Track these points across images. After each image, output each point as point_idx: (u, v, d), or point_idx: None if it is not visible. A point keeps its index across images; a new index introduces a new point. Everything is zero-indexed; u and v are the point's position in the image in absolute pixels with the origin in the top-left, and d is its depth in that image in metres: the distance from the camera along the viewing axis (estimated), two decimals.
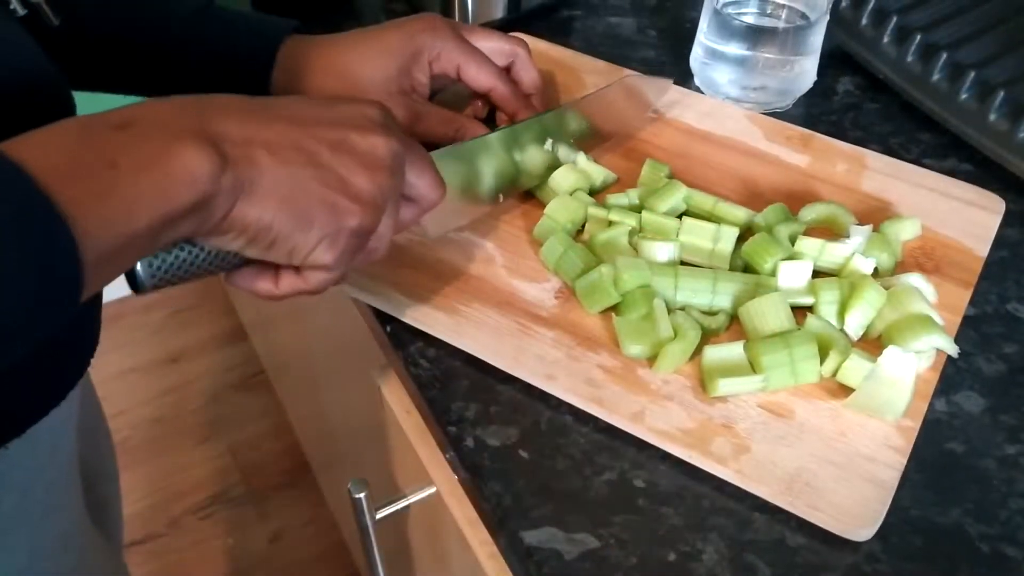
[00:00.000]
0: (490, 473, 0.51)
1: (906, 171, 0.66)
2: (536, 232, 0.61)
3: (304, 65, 0.61)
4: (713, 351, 0.54)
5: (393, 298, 0.58)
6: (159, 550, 1.49)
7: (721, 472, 0.50)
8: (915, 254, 0.61)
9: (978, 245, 0.62)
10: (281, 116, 0.43)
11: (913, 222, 0.62)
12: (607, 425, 0.53)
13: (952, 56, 0.68)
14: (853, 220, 0.61)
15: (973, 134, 0.67)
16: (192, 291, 1.87)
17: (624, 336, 0.55)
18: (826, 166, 0.66)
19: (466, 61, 0.62)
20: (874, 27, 0.73)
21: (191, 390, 1.71)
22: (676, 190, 0.61)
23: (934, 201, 0.64)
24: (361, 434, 0.93)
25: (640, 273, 0.56)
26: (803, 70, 0.71)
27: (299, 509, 1.53)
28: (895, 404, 0.51)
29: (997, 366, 0.57)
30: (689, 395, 0.53)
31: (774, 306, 0.54)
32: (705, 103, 0.71)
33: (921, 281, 0.57)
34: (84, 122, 0.38)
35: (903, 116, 0.73)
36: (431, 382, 0.55)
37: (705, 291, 0.56)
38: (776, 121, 0.70)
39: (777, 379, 0.53)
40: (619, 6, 0.83)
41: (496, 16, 0.78)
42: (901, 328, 0.54)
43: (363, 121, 0.45)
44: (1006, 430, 0.54)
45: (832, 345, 0.54)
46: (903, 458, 0.51)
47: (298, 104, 0.45)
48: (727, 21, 0.70)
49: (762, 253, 0.57)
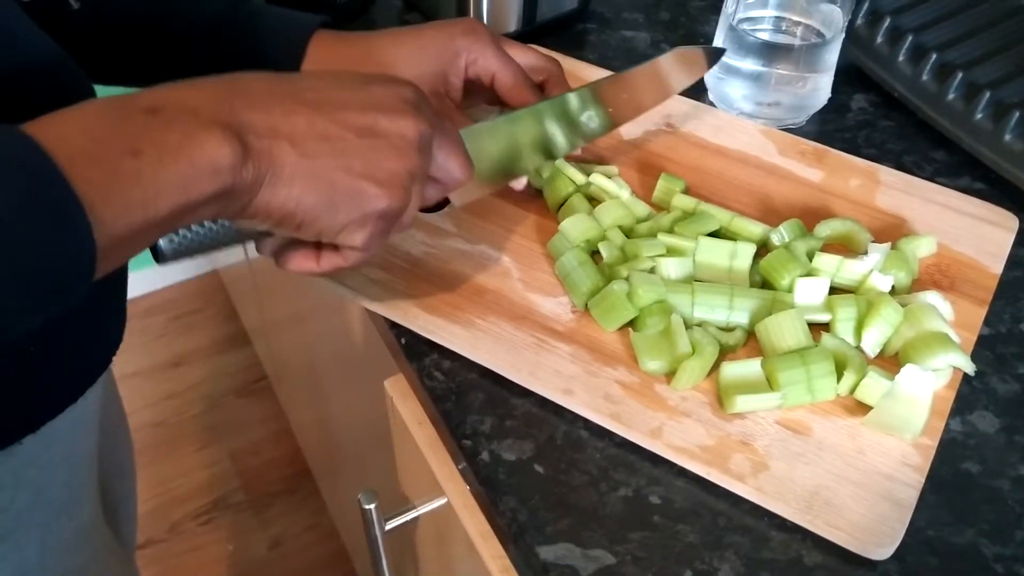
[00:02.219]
0: (505, 487, 0.51)
1: (919, 187, 0.66)
2: (549, 247, 0.61)
3: (336, 60, 0.61)
4: (730, 368, 0.54)
5: (410, 311, 0.58)
6: (159, 555, 1.49)
7: (740, 489, 0.50)
8: (931, 271, 0.61)
9: (992, 262, 0.62)
10: (309, 101, 0.43)
11: (929, 239, 0.62)
12: (623, 440, 0.53)
13: (967, 75, 0.68)
14: (869, 237, 0.61)
15: (987, 153, 0.67)
16: (195, 296, 1.86)
17: (642, 352, 0.55)
18: (840, 181, 0.66)
19: (502, 70, 0.61)
20: (890, 45, 0.73)
21: (193, 395, 1.71)
22: (708, 220, 0.61)
23: (948, 218, 0.64)
24: (365, 442, 0.93)
25: (655, 288, 0.56)
26: (817, 87, 0.71)
27: (299, 516, 1.53)
28: (913, 422, 0.51)
29: (1012, 386, 0.57)
30: (707, 411, 0.53)
31: (791, 322, 0.54)
32: (719, 117, 0.71)
33: (938, 299, 0.57)
34: (114, 103, 0.38)
35: (917, 134, 0.73)
36: (446, 394, 0.55)
37: (722, 307, 0.56)
38: (789, 136, 0.70)
39: (794, 396, 0.53)
40: (633, 20, 0.83)
41: (510, 28, 0.78)
42: (918, 346, 0.54)
43: (394, 103, 0.45)
44: (1021, 450, 0.54)
45: (849, 362, 0.54)
46: (921, 477, 0.51)
47: (329, 85, 0.45)
48: (742, 37, 0.70)
49: (780, 269, 0.57)
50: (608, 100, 0.63)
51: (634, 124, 0.70)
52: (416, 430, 0.62)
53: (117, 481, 0.71)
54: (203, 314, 1.84)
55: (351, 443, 1.07)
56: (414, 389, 0.60)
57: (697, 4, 0.85)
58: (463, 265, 0.61)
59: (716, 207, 0.63)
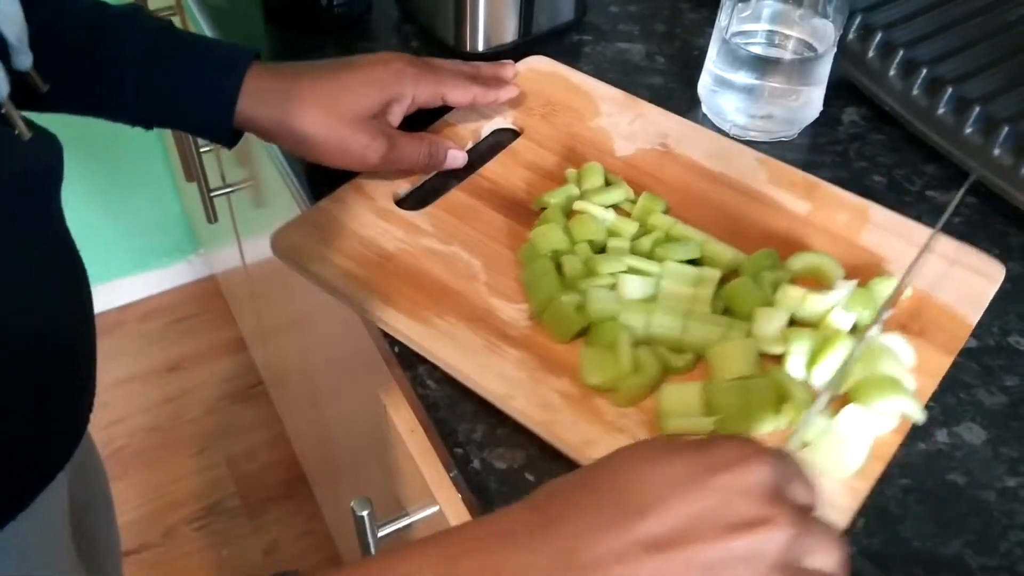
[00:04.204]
0: (497, 496, 0.52)
1: (908, 228, 0.65)
2: (520, 254, 0.62)
3: (277, 94, 0.62)
4: (671, 389, 0.54)
5: (371, 301, 0.59)
6: (153, 560, 1.49)
7: None
8: (903, 314, 0.59)
9: (970, 311, 0.60)
10: (646, 545, 0.34)
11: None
12: None
13: (958, 90, 0.69)
14: (841, 273, 0.60)
15: (977, 168, 0.67)
16: (192, 301, 1.87)
17: (586, 365, 0.55)
18: (827, 215, 0.65)
19: (449, 89, 0.67)
20: (881, 60, 0.73)
21: (189, 400, 1.71)
22: (691, 247, 0.61)
23: (932, 262, 0.62)
24: (361, 449, 0.93)
25: (606, 304, 0.57)
26: (810, 100, 0.72)
27: (294, 521, 1.53)
28: (847, 463, 0.51)
29: (998, 398, 0.58)
30: (643, 431, 0.53)
31: (741, 351, 0.54)
32: (717, 142, 0.71)
33: (900, 342, 0.56)
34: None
35: (908, 147, 0.73)
36: (438, 403, 0.56)
37: (676, 329, 0.56)
38: (784, 165, 0.69)
39: (731, 424, 0.52)
40: (628, 32, 0.84)
41: (507, 40, 0.79)
42: (867, 387, 0.53)
43: (754, 502, 0.35)
44: (1007, 462, 0.54)
45: (792, 396, 0.53)
46: (845, 518, 0.50)
47: (666, 508, 0.34)
48: (735, 50, 0.70)
49: (743, 296, 0.57)
50: None
51: (628, 141, 0.71)
52: (408, 438, 0.63)
53: (91, 514, 0.70)
54: (200, 319, 1.84)
55: (346, 449, 1.07)
56: (407, 397, 0.60)
57: (692, 17, 0.86)
58: (433, 264, 0.62)
59: (693, 229, 0.63)
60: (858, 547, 0.50)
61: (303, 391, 1.29)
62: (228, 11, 0.84)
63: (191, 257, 1.89)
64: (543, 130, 0.72)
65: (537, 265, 0.60)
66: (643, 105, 0.74)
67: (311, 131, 0.62)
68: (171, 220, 1.81)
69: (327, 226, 0.64)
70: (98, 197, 1.68)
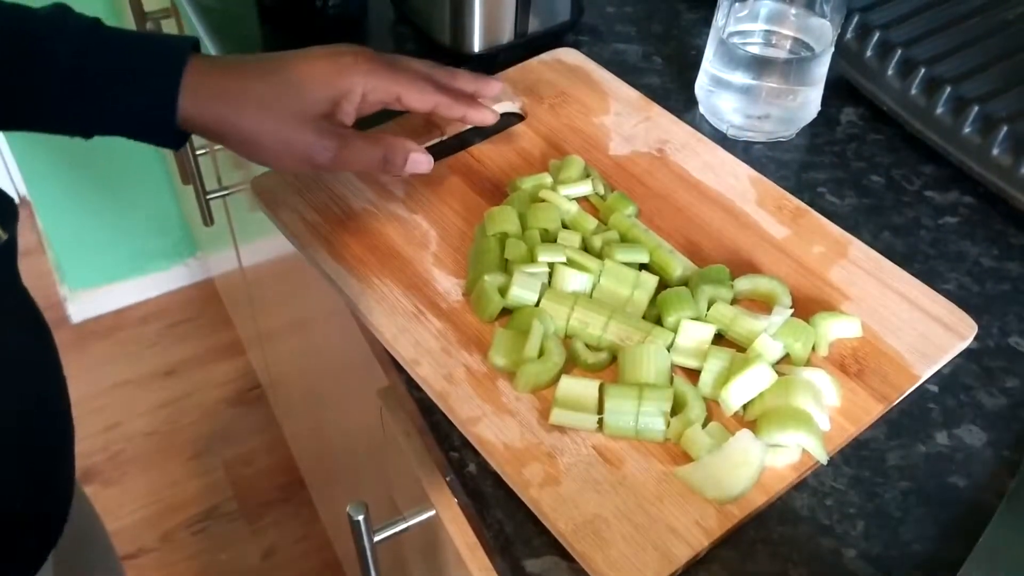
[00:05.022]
0: (492, 500, 0.51)
1: (886, 271, 0.62)
2: (475, 231, 0.63)
3: (218, 91, 0.58)
4: (569, 382, 0.54)
5: (320, 253, 0.62)
6: (150, 565, 1.48)
7: (522, 495, 0.50)
8: (844, 354, 0.57)
9: (920, 364, 0.57)
10: None
11: (853, 322, 0.58)
12: None
13: (956, 90, 0.68)
14: (788, 300, 0.59)
15: (976, 168, 0.67)
16: (189, 304, 1.87)
17: (495, 345, 0.56)
18: (803, 244, 0.64)
19: (405, 90, 0.61)
20: (879, 59, 0.73)
21: (186, 404, 1.71)
22: (640, 252, 0.60)
23: (898, 307, 0.60)
24: (358, 453, 0.93)
25: (526, 290, 0.57)
26: (807, 100, 0.72)
27: (292, 525, 1.53)
28: (727, 488, 0.50)
29: (999, 400, 0.57)
30: (533, 417, 0.53)
31: (652, 357, 0.54)
32: (715, 154, 0.70)
33: (824, 379, 0.54)
34: None
35: (906, 147, 0.73)
36: (434, 406, 0.55)
37: (596, 325, 0.56)
38: (776, 188, 0.67)
39: (617, 425, 0.52)
40: (625, 32, 0.83)
41: (503, 41, 0.78)
42: (772, 417, 0.52)
43: None
44: (1008, 465, 0.54)
45: (688, 410, 0.52)
46: (706, 541, 0.48)
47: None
48: (732, 51, 0.70)
49: (673, 305, 0.57)
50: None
51: (626, 142, 0.70)
52: (404, 441, 0.62)
53: (85, 548, 0.69)
54: (198, 323, 1.84)
55: (344, 453, 1.07)
56: (402, 401, 0.60)
57: (689, 17, 0.86)
58: (391, 228, 0.64)
59: (657, 237, 0.62)
60: (858, 550, 0.50)
61: (300, 395, 1.29)
62: (222, 12, 0.84)
63: (189, 260, 1.88)
64: (546, 120, 0.72)
65: (482, 243, 0.61)
66: (655, 108, 0.73)
67: (253, 130, 0.58)
68: (168, 223, 1.80)
69: (305, 177, 0.67)
70: (95, 200, 1.68)
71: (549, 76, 0.76)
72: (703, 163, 0.69)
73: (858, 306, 0.60)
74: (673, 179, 0.68)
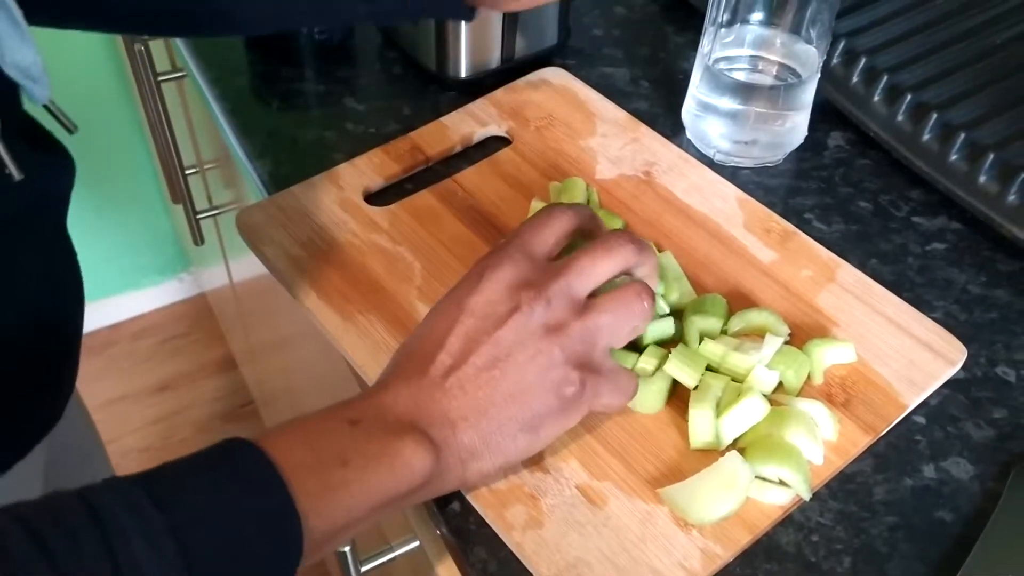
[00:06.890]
0: (476, 537, 0.51)
1: (874, 294, 0.61)
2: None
3: None
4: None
5: (303, 287, 0.61)
6: None
7: (506, 539, 0.50)
8: (832, 383, 0.57)
9: (908, 391, 0.56)
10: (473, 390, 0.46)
11: (847, 347, 0.57)
12: None
13: (943, 116, 0.68)
14: (786, 330, 0.58)
15: (963, 195, 0.67)
16: (182, 320, 1.86)
17: None
18: (791, 268, 0.63)
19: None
20: (865, 85, 0.73)
21: (180, 419, 1.70)
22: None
23: (886, 333, 0.59)
24: None
25: None
26: (794, 125, 0.71)
27: None
28: (707, 511, 0.49)
29: (986, 432, 0.57)
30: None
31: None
32: (703, 175, 0.69)
33: (819, 410, 0.53)
34: (324, 417, 0.44)
35: (894, 173, 0.73)
36: None
37: None
38: (764, 210, 0.67)
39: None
40: (613, 56, 0.83)
41: (490, 66, 0.78)
42: (760, 447, 0.51)
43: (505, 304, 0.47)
44: (996, 498, 0.54)
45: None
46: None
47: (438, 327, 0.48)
48: (718, 76, 0.70)
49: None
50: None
51: (613, 165, 0.70)
52: None
53: (83, 463, 0.72)
54: (191, 338, 1.84)
55: None
56: None
57: (677, 40, 0.85)
58: (375, 261, 0.63)
59: None
60: None
61: (292, 410, 1.28)
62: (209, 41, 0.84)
63: (182, 275, 1.88)
64: (532, 143, 0.72)
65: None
66: (642, 129, 0.73)
67: None
68: (161, 238, 1.80)
69: (290, 210, 0.66)
70: (89, 215, 1.68)
71: (535, 97, 0.75)
72: (690, 184, 0.69)
73: (847, 332, 0.59)
74: (660, 202, 0.68)
